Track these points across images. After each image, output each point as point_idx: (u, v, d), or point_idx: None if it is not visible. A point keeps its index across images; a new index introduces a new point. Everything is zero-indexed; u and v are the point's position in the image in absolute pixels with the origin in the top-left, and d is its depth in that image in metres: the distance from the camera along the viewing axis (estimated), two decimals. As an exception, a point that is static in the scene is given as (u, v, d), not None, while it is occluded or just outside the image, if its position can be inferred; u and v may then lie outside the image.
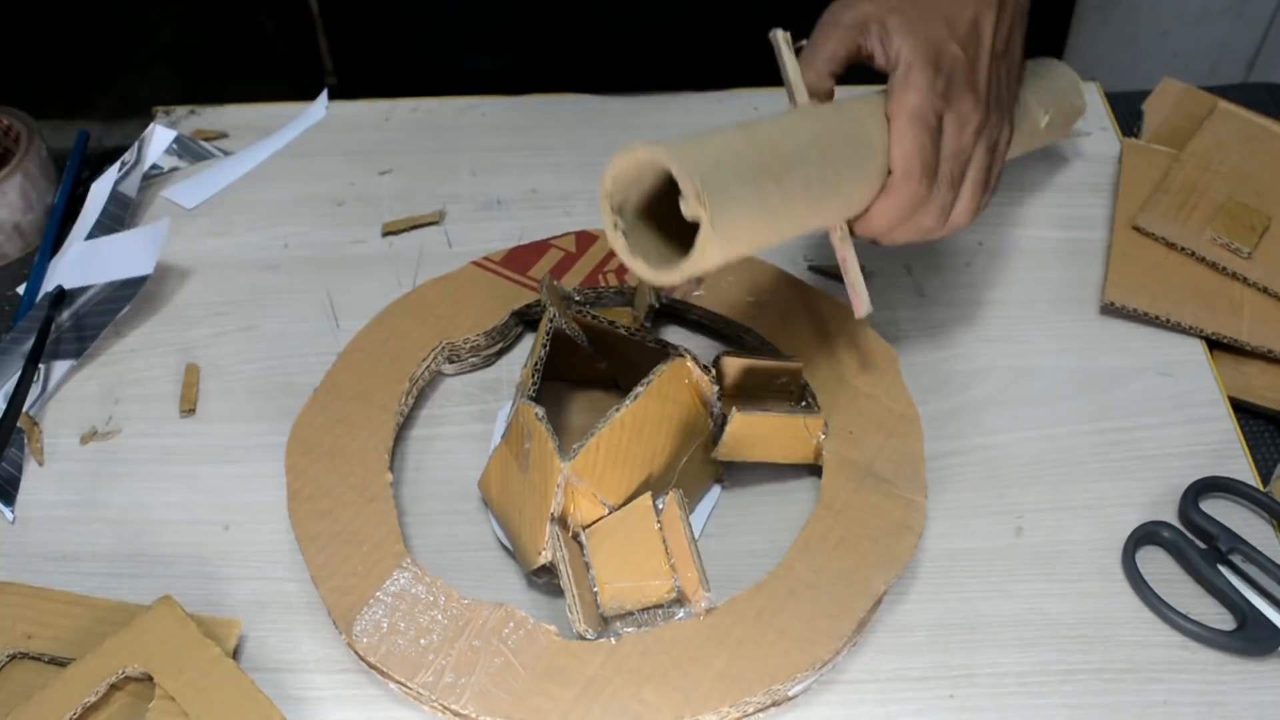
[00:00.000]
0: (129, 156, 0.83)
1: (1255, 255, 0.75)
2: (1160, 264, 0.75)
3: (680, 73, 0.90)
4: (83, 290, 0.76)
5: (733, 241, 0.50)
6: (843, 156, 0.55)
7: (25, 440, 0.69)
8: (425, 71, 0.95)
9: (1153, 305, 0.73)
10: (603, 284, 0.73)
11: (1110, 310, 0.74)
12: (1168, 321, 0.73)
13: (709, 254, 0.49)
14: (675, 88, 0.90)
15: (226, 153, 0.87)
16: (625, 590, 0.58)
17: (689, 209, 0.48)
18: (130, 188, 0.82)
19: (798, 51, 0.60)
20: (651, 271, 0.51)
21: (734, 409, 0.62)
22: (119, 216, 0.80)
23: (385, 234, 0.81)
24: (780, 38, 0.60)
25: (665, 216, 0.51)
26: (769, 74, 0.62)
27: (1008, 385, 0.71)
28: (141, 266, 0.75)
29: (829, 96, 0.60)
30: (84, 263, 0.77)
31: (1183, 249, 0.76)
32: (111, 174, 0.81)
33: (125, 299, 0.74)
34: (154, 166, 0.85)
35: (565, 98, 0.90)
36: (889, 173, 0.58)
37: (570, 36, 0.89)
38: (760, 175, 0.51)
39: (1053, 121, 0.76)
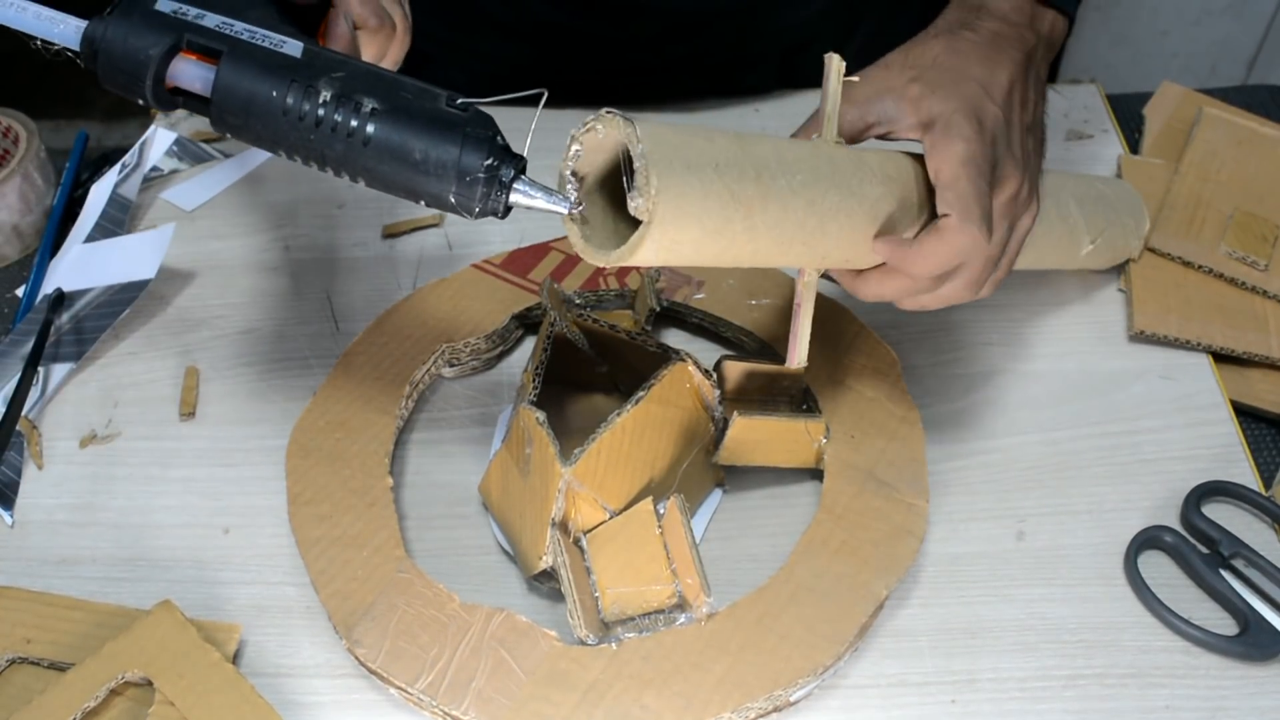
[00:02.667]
0: (129, 159, 0.83)
1: (1271, 266, 0.75)
2: (1181, 284, 0.75)
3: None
4: (82, 293, 0.75)
5: (673, 232, 0.46)
6: (832, 196, 0.52)
7: (24, 444, 0.69)
8: None
9: (1182, 330, 0.72)
10: (603, 287, 0.73)
11: (1141, 338, 0.73)
12: (1198, 345, 0.72)
13: (646, 242, 0.46)
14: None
15: (226, 154, 0.87)
16: (626, 595, 0.58)
17: (637, 193, 0.46)
18: (130, 190, 0.82)
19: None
20: (590, 249, 0.49)
21: (735, 413, 0.62)
22: (118, 219, 0.80)
23: (385, 236, 0.80)
24: (834, 64, 0.56)
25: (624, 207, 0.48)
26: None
27: (1009, 389, 0.71)
28: (143, 271, 0.74)
29: None
30: (84, 265, 0.77)
31: (1200, 266, 0.75)
32: (112, 176, 0.81)
33: (125, 302, 0.73)
34: (154, 168, 0.85)
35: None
36: (927, 221, 0.55)
37: (581, 76, 0.89)
38: (724, 177, 0.48)
39: (1095, 252, 0.72)
